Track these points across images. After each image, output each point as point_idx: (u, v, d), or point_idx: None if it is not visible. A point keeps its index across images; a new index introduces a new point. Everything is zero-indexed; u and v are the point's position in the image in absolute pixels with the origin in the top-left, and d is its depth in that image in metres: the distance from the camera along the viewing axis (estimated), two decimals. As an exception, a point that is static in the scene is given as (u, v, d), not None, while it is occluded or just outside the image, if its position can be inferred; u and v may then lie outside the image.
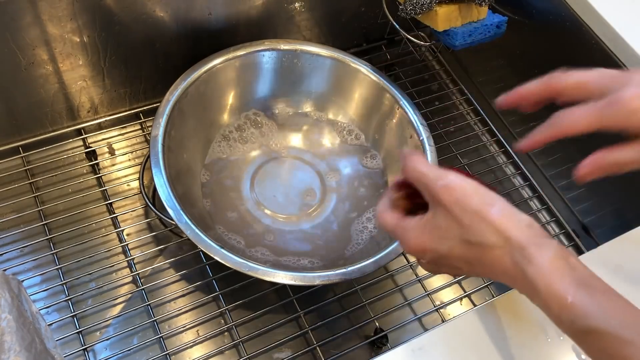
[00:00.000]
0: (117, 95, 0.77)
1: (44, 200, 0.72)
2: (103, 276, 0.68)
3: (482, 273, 0.41)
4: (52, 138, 0.76)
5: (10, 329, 0.48)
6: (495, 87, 0.87)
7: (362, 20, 0.86)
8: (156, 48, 0.73)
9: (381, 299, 0.70)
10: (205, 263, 0.68)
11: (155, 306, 0.67)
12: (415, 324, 0.70)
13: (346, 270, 0.60)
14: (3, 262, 0.68)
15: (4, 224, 0.70)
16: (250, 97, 0.77)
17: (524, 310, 0.48)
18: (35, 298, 0.65)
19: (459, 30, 0.69)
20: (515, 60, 0.81)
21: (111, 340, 0.65)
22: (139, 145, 0.79)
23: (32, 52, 0.66)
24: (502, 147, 0.85)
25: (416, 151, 0.69)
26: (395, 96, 0.74)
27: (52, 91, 0.71)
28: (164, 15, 0.70)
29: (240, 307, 0.68)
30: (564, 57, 0.73)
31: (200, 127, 0.73)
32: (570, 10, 0.70)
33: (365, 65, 0.75)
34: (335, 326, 0.67)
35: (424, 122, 0.72)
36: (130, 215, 0.73)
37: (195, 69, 0.71)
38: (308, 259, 0.68)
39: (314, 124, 0.79)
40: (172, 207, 0.61)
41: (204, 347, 0.66)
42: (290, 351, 0.66)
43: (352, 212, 0.73)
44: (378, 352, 0.67)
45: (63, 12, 0.64)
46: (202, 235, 0.60)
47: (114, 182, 0.75)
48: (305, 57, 0.76)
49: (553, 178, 0.81)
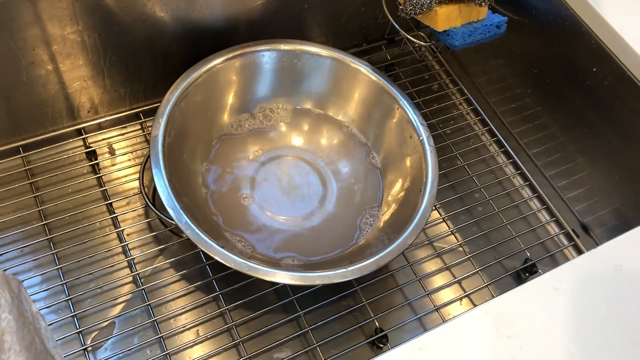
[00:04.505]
0: (117, 95, 0.77)
1: (44, 200, 0.72)
2: (103, 276, 0.68)
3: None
4: (52, 138, 0.76)
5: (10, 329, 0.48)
6: (495, 87, 0.87)
7: (362, 20, 0.86)
8: (156, 48, 0.73)
9: (381, 298, 0.70)
10: (205, 263, 0.68)
11: (155, 306, 0.67)
12: (415, 324, 0.70)
13: (346, 270, 0.60)
14: (3, 262, 0.68)
15: (4, 224, 0.70)
16: (251, 97, 0.77)
17: (524, 310, 0.48)
18: (35, 298, 0.65)
19: (459, 30, 0.69)
20: (515, 60, 0.81)
21: (111, 340, 0.65)
22: (139, 145, 0.79)
23: (32, 52, 0.66)
24: (502, 147, 0.85)
25: None
26: (395, 96, 0.74)
27: (52, 91, 0.71)
28: (164, 15, 0.70)
29: (240, 307, 0.68)
30: (564, 57, 0.73)
31: (200, 127, 0.73)
32: (570, 10, 0.70)
33: (365, 65, 0.75)
34: (335, 326, 0.67)
35: (423, 122, 0.72)
36: (130, 215, 0.73)
37: (195, 69, 0.71)
38: (307, 259, 0.68)
39: (314, 123, 0.79)
40: (172, 207, 0.61)
41: (204, 347, 0.66)
42: (290, 351, 0.66)
43: (352, 211, 0.73)
44: (378, 352, 0.67)
45: (63, 12, 0.64)
46: (202, 235, 0.60)
47: (114, 182, 0.75)
48: (305, 57, 0.76)
49: (553, 178, 0.81)
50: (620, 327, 0.48)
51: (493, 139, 0.86)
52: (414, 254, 0.74)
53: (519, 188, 0.83)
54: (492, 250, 0.76)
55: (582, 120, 0.74)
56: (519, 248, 0.75)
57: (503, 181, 0.83)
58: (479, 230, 0.77)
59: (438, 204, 0.78)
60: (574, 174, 0.78)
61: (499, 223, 0.77)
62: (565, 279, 0.49)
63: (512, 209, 0.80)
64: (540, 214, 0.81)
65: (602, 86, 0.69)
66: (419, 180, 0.69)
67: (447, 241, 0.77)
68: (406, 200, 0.70)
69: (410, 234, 0.63)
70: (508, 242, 0.76)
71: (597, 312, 0.48)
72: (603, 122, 0.71)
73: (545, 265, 0.76)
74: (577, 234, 0.78)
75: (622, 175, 0.71)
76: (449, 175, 0.81)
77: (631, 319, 0.48)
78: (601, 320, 0.48)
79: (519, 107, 0.83)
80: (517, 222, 0.78)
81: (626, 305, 0.49)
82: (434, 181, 0.68)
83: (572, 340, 0.46)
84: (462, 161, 0.82)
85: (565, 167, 0.78)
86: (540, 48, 0.76)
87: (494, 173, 0.84)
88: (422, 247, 0.75)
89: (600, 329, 0.47)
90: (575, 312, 0.48)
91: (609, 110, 0.70)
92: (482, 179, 0.82)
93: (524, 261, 0.75)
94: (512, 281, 0.75)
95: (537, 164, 0.83)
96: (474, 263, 0.73)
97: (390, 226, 0.69)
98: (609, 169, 0.73)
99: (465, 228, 0.77)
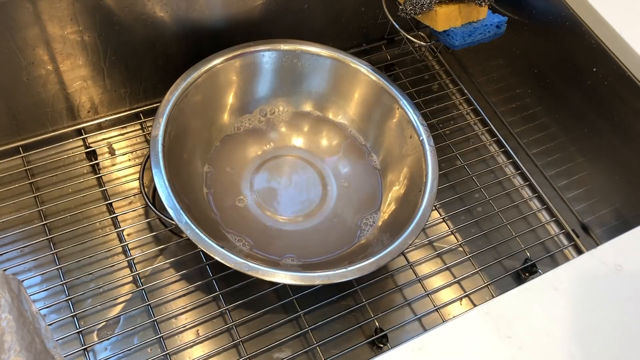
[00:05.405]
0: (117, 95, 0.77)
1: (44, 200, 0.72)
2: (103, 276, 0.68)
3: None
4: (52, 138, 0.76)
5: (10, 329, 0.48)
6: (495, 87, 0.87)
7: (362, 20, 0.86)
8: (156, 48, 0.73)
9: (381, 299, 0.70)
10: (205, 263, 0.68)
11: (155, 306, 0.67)
12: (415, 324, 0.70)
13: (346, 270, 0.60)
14: (3, 262, 0.68)
15: (4, 224, 0.70)
16: (251, 97, 0.77)
17: (524, 310, 0.48)
18: (35, 298, 0.65)
19: (458, 30, 0.69)
20: (515, 60, 0.81)
21: (111, 340, 0.65)
22: (139, 145, 0.79)
23: (32, 52, 0.66)
24: (502, 147, 0.85)
25: None
26: (395, 96, 0.74)
27: (52, 91, 0.71)
28: (164, 15, 0.70)
29: (240, 307, 0.68)
30: (564, 57, 0.73)
31: (200, 127, 0.73)
32: (570, 10, 0.70)
33: (365, 65, 0.75)
34: (335, 326, 0.67)
35: (423, 122, 0.72)
36: (130, 215, 0.73)
37: (195, 69, 0.71)
38: (307, 259, 0.68)
39: (314, 123, 0.79)
40: (172, 207, 0.61)
41: (204, 347, 0.66)
42: (290, 351, 0.66)
43: (352, 211, 0.73)
44: (378, 352, 0.67)
45: (63, 12, 0.64)
46: (202, 235, 0.60)
47: (114, 182, 0.75)
48: (305, 57, 0.76)
49: (553, 178, 0.81)
50: (620, 327, 0.48)
51: (493, 139, 0.86)
52: (413, 254, 0.74)
53: (519, 188, 0.83)
54: (492, 250, 0.76)
55: (582, 120, 0.74)
56: (519, 248, 0.75)
57: (503, 181, 0.83)
58: (479, 230, 0.77)
59: (438, 204, 0.78)
60: (574, 174, 0.78)
61: (499, 223, 0.77)
62: (565, 279, 0.49)
63: (512, 209, 0.80)
64: (540, 214, 0.81)
65: (602, 86, 0.69)
66: (419, 180, 0.69)
67: (447, 241, 0.77)
68: (406, 200, 0.70)
69: (410, 234, 0.63)
70: (508, 242, 0.76)
71: (597, 312, 0.48)
72: (603, 122, 0.71)
73: (545, 265, 0.76)
74: (577, 234, 0.78)
75: (622, 175, 0.71)
76: (449, 175, 0.81)
77: (631, 319, 0.48)
78: (601, 320, 0.48)
79: (519, 107, 0.83)
80: (517, 222, 0.78)
81: (626, 305, 0.49)
82: (434, 181, 0.68)
83: (572, 340, 0.46)
84: (462, 161, 0.82)
85: (565, 167, 0.78)
86: (540, 48, 0.76)
87: (494, 173, 0.84)
88: (422, 247, 0.75)
89: (600, 329, 0.47)
90: (575, 312, 0.48)
91: (609, 110, 0.70)
92: (482, 179, 0.82)
93: (524, 261, 0.75)
94: (512, 281, 0.75)
95: (537, 164, 0.83)
96: (473, 263, 0.73)
97: (390, 226, 0.69)
98: (609, 169, 0.73)
99: (465, 228, 0.77)
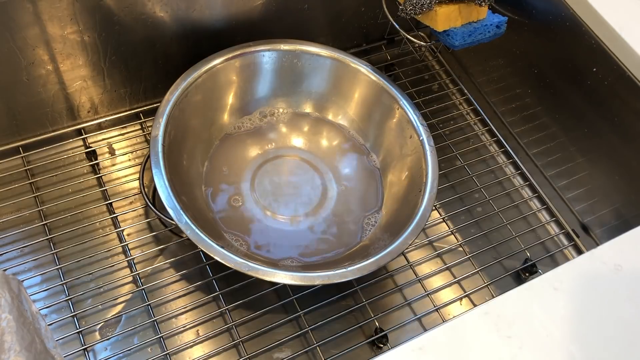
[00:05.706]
0: (117, 95, 0.77)
1: (44, 200, 0.72)
2: (103, 276, 0.68)
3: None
4: (52, 138, 0.76)
5: (10, 329, 0.48)
6: (495, 87, 0.87)
7: (362, 20, 0.86)
8: (156, 48, 0.73)
9: (381, 299, 0.70)
10: (205, 263, 0.68)
11: (155, 306, 0.67)
12: (415, 324, 0.70)
13: (346, 270, 0.60)
14: (3, 262, 0.68)
15: (4, 224, 0.70)
16: (251, 97, 0.77)
17: (524, 310, 0.48)
18: (35, 298, 0.65)
19: (458, 30, 0.69)
20: (515, 60, 0.81)
21: (111, 340, 0.65)
22: (139, 145, 0.79)
23: (32, 52, 0.66)
24: (502, 147, 0.85)
25: None
26: (395, 96, 0.74)
27: (52, 91, 0.71)
28: (164, 15, 0.70)
29: (240, 307, 0.68)
30: (564, 57, 0.73)
31: (200, 127, 0.73)
32: (570, 10, 0.70)
33: (365, 65, 0.75)
34: (335, 326, 0.67)
35: (423, 122, 0.72)
36: (130, 215, 0.73)
37: (195, 69, 0.71)
38: (308, 259, 0.68)
39: (314, 123, 0.79)
40: (172, 207, 0.61)
41: (204, 347, 0.66)
42: (290, 351, 0.66)
43: (352, 212, 0.73)
44: (378, 352, 0.67)
45: (63, 12, 0.64)
46: (202, 235, 0.60)
47: (114, 182, 0.75)
48: (305, 57, 0.76)
49: (553, 178, 0.81)
50: (620, 327, 0.48)
51: (493, 139, 0.86)
52: (413, 254, 0.74)
53: (519, 188, 0.83)
54: (492, 250, 0.76)
55: (582, 120, 0.74)
56: (519, 248, 0.75)
57: (503, 181, 0.83)
58: (479, 230, 0.77)
59: (438, 204, 0.78)
60: (574, 174, 0.78)
61: (498, 223, 0.77)
62: (565, 279, 0.49)
63: (512, 209, 0.80)
64: (540, 214, 0.81)
65: (602, 86, 0.69)
66: (419, 180, 0.69)
67: (447, 241, 0.77)
68: (406, 200, 0.70)
69: (410, 234, 0.63)
70: (508, 242, 0.76)
71: (597, 312, 0.48)
72: (603, 122, 0.71)
73: (545, 265, 0.76)
74: (577, 234, 0.78)
75: (622, 175, 0.71)
76: (449, 175, 0.81)
77: (631, 319, 0.48)
78: (601, 320, 0.48)
79: (519, 107, 0.83)
80: (517, 222, 0.78)
81: (626, 305, 0.49)
82: (434, 181, 0.68)
83: (572, 340, 0.46)
84: (462, 161, 0.82)
85: (565, 167, 0.78)
86: (540, 48, 0.76)
87: (494, 173, 0.84)
88: (422, 247, 0.75)
89: (600, 329, 0.47)
90: (575, 312, 0.48)
91: (609, 110, 0.70)
92: (482, 179, 0.82)
93: (524, 261, 0.75)
94: (512, 281, 0.75)
95: (537, 164, 0.83)
96: (473, 263, 0.73)
97: (390, 226, 0.69)
98: (609, 169, 0.73)
99: (465, 228, 0.77)
